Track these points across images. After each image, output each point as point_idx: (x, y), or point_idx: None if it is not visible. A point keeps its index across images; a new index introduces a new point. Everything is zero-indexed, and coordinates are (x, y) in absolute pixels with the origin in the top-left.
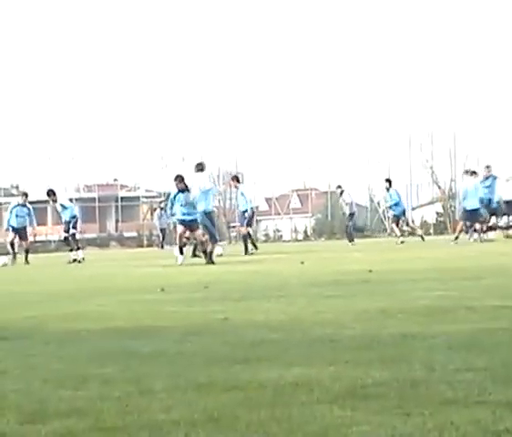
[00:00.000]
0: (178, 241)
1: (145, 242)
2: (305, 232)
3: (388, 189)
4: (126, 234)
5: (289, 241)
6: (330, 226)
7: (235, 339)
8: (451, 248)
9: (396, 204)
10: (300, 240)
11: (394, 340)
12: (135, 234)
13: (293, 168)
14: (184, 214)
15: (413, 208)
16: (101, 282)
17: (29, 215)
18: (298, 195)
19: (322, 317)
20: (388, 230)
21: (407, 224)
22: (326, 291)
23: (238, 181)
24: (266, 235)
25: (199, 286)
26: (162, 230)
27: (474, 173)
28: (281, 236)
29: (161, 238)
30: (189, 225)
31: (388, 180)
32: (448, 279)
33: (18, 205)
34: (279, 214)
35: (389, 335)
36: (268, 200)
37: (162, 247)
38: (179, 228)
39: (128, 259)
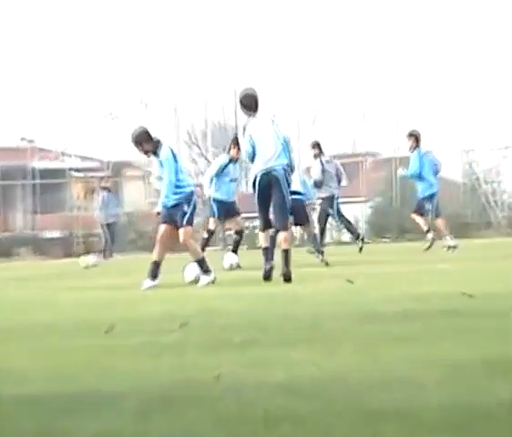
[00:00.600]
0: (159, 251)
1: (78, 247)
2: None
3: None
4: (46, 234)
5: (328, 244)
6: (398, 218)
7: (234, 413)
8: None
9: None
10: (346, 243)
11: (511, 411)
12: (61, 234)
13: (335, 121)
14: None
15: None
16: (5, 318)
17: None
18: (342, 165)
19: (384, 374)
20: (500, 224)
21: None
22: (390, 330)
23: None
24: None
25: (173, 322)
26: (110, 227)
27: None
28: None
29: (108, 241)
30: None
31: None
32: None
33: None
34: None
35: (501, 404)
36: None
37: (110, 255)
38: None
39: (52, 276)
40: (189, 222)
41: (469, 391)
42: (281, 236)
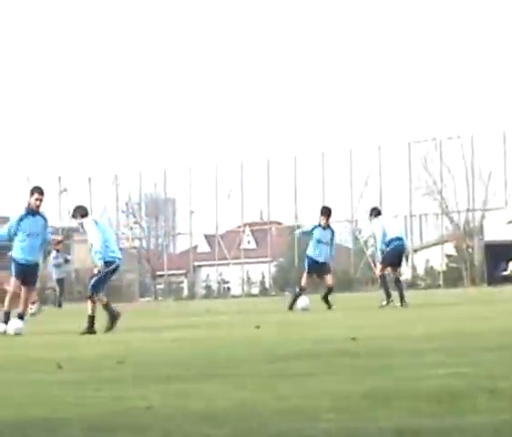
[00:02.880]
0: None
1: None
2: (262, 283)
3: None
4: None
5: (239, 296)
6: (297, 274)
7: (162, 436)
8: (467, 304)
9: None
10: (255, 295)
11: None
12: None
13: (246, 195)
14: None
15: (414, 250)
16: None
17: None
18: (252, 231)
19: (286, 404)
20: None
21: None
22: (291, 368)
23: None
24: (207, 287)
25: (110, 361)
26: (60, 282)
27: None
28: (229, 288)
29: (59, 293)
30: None
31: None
32: (463, 348)
33: None
34: (225, 258)
35: (379, 430)
36: (209, 239)
37: (60, 305)
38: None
39: None
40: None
41: (354, 420)
42: None
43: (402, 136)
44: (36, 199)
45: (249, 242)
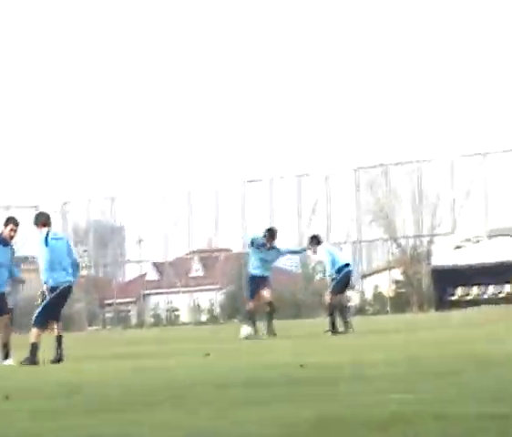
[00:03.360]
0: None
1: None
2: (211, 311)
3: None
4: None
5: (188, 324)
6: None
7: None
8: (415, 330)
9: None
10: (203, 323)
11: None
12: None
13: (194, 222)
14: None
15: (363, 276)
16: None
17: None
18: (200, 258)
19: (236, 432)
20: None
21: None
22: (241, 396)
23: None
24: (156, 316)
25: (61, 391)
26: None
27: None
28: (178, 316)
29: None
30: None
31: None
32: (412, 374)
33: None
34: (174, 286)
35: None
36: (158, 266)
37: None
38: None
39: None
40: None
41: None
42: None
43: (349, 162)
44: (11, 230)
45: (197, 270)
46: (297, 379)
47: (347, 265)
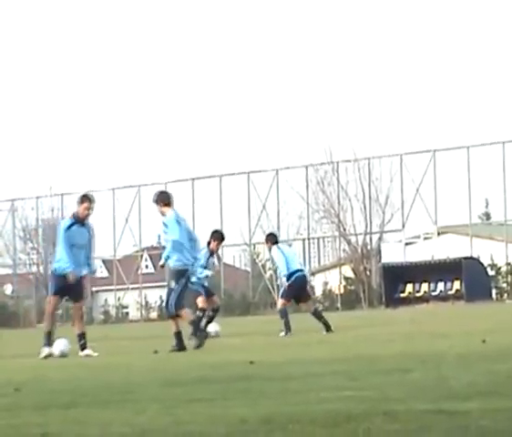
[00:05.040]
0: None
1: None
2: (160, 308)
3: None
4: None
5: (137, 321)
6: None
7: None
8: (365, 327)
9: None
10: (153, 320)
11: None
12: None
13: (144, 219)
14: None
15: (313, 273)
16: None
17: None
18: (150, 255)
19: (183, 430)
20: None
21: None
22: (189, 393)
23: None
24: (105, 312)
25: (8, 388)
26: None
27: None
28: (127, 313)
29: None
30: None
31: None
32: (362, 372)
33: None
34: (123, 283)
35: None
36: (107, 263)
37: None
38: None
39: None
40: None
41: None
42: None
43: (299, 159)
44: (86, 208)
45: (147, 266)
46: (247, 376)
47: (301, 270)
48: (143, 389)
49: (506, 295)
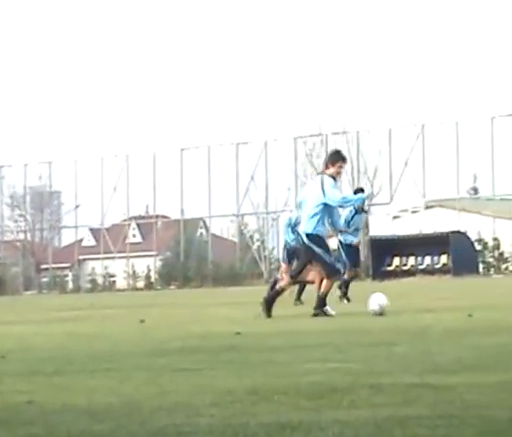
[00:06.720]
0: None
1: None
2: (148, 277)
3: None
4: None
5: (124, 290)
6: (183, 269)
7: (43, 431)
8: (352, 300)
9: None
10: (140, 289)
11: (268, 432)
12: None
13: (132, 188)
14: None
15: None
16: None
17: None
18: (138, 225)
19: (169, 399)
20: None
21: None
22: (175, 363)
23: None
24: (92, 281)
25: None
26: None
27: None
28: (114, 282)
29: None
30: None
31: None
32: (348, 345)
33: None
34: (110, 252)
35: (260, 425)
36: (95, 232)
37: None
38: None
39: None
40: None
41: (236, 415)
42: None
43: (288, 131)
44: (340, 166)
45: (134, 236)
46: (233, 346)
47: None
48: (129, 358)
49: (492, 270)
